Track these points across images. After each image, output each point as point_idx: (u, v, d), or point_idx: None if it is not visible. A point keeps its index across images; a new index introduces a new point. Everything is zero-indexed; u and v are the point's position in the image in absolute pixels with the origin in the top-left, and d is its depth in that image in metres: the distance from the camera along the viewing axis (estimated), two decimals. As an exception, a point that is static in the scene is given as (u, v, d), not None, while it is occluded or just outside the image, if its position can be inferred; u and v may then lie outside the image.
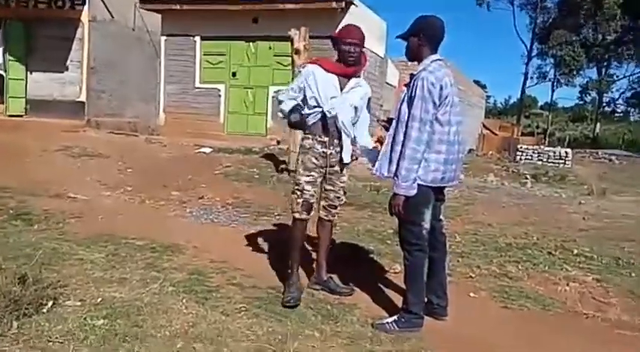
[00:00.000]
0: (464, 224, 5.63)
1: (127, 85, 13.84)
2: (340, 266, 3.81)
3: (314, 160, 3.25)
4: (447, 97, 2.84)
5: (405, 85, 2.99)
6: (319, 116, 3.24)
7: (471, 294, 3.65)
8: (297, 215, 3.28)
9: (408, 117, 2.83)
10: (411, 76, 2.96)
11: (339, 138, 3.26)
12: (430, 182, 2.88)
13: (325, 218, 3.44)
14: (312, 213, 3.35)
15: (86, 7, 12.57)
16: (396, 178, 2.86)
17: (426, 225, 2.95)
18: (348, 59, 3.23)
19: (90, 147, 8.64)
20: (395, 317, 2.99)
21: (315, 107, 3.24)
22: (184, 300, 3.13)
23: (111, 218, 5.09)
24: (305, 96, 3.26)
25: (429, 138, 2.82)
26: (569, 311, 3.47)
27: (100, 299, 3.03)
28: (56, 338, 2.53)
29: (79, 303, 2.96)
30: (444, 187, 3.04)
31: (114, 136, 10.61)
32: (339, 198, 3.41)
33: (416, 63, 3.03)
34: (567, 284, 3.92)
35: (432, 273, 3.06)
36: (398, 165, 2.85)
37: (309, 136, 3.29)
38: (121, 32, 13.52)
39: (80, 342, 2.52)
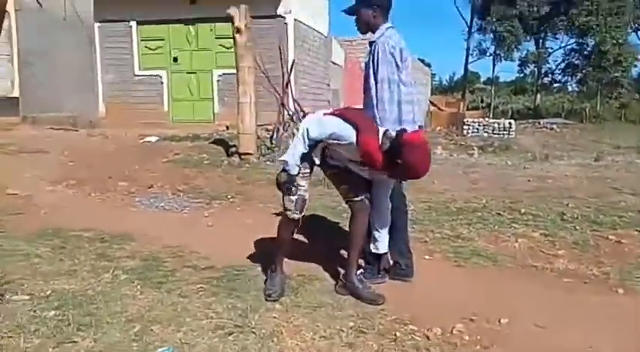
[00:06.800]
0: (416, 193, 5.72)
1: (62, 77, 13.10)
2: (298, 243, 3.79)
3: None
4: (406, 60, 2.97)
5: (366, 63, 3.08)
6: None
7: (426, 257, 3.73)
8: (289, 214, 2.89)
9: (376, 81, 2.92)
10: (370, 43, 3.04)
11: None
12: None
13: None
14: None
15: (11, -5, 11.85)
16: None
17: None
18: None
19: (28, 144, 8.21)
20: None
21: None
22: (139, 286, 3.05)
23: (55, 212, 4.87)
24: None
25: (399, 97, 2.91)
26: (520, 265, 3.60)
27: (49, 292, 2.92)
28: (5, 332, 2.42)
29: (27, 297, 2.84)
30: None
31: (53, 132, 10.10)
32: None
33: (361, 36, 3.12)
34: (516, 241, 4.06)
35: (396, 231, 3.15)
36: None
37: None
38: (51, 21, 12.83)
39: (31, 334, 2.42)
